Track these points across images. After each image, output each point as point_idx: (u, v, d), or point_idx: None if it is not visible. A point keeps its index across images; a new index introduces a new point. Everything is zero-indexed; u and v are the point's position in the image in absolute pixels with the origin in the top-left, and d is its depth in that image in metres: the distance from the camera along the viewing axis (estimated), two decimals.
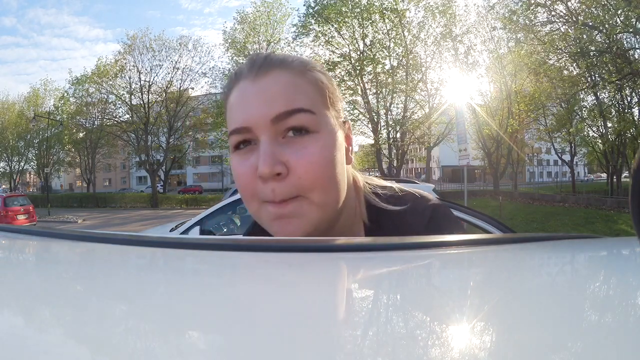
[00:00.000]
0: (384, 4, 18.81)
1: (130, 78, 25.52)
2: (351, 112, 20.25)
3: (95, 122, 27.86)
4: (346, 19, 19.10)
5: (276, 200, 0.50)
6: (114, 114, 27.20)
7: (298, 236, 0.51)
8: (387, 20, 18.92)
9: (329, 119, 0.54)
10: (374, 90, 19.41)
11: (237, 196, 4.91)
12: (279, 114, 0.50)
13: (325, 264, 0.38)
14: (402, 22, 18.83)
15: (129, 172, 45.88)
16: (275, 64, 0.53)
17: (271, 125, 0.50)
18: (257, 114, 0.51)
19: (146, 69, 25.32)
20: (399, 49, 19.26)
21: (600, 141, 17.91)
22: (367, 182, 0.65)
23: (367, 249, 0.43)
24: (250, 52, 23.24)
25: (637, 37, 13.35)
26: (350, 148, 0.59)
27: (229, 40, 23.68)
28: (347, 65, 19.67)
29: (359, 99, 19.70)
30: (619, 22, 13.21)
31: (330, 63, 19.93)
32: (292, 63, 0.54)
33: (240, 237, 0.57)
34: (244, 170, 0.52)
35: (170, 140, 25.84)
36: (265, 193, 0.51)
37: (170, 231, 4.73)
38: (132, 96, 25.63)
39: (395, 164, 19.50)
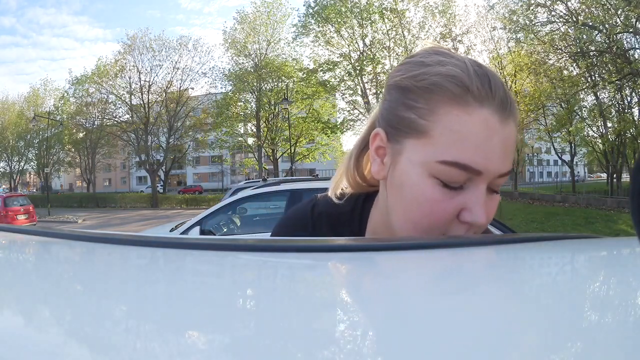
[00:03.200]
0: (383, 4, 18.83)
1: (130, 78, 25.56)
2: (351, 112, 20.28)
3: (95, 122, 27.90)
4: (346, 19, 19.10)
5: (465, 236, 0.50)
6: (114, 114, 27.23)
7: None
8: (386, 20, 18.93)
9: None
10: (374, 90, 19.40)
11: (237, 196, 4.91)
12: (506, 172, 0.49)
13: (325, 264, 0.38)
14: (402, 22, 18.84)
15: (129, 172, 45.86)
16: (515, 111, 0.49)
17: (494, 178, 0.48)
18: (497, 166, 0.47)
19: (146, 69, 25.36)
20: (398, 49, 19.27)
21: (600, 141, 17.90)
22: None
23: (367, 249, 0.43)
24: (251, 52, 23.40)
25: (637, 37, 13.35)
26: None
27: (229, 40, 23.70)
28: (347, 65, 19.68)
29: (359, 99, 19.72)
30: (619, 22, 13.21)
31: (330, 63, 19.94)
32: (518, 114, 0.51)
33: (240, 237, 0.57)
34: (447, 208, 0.48)
35: (170, 140, 25.85)
36: (457, 230, 0.49)
37: (170, 231, 4.73)
38: (132, 96, 25.65)
39: None
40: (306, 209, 0.64)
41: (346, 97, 20.18)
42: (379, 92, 19.22)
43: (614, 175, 17.42)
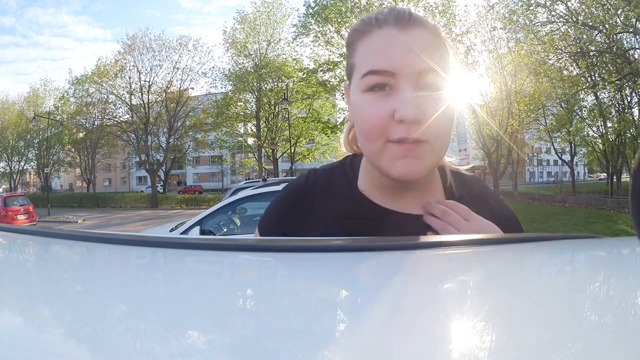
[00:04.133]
0: (383, 4, 18.80)
1: (130, 78, 25.51)
2: None
3: (95, 122, 27.85)
4: (346, 19, 19.09)
5: (410, 137, 0.55)
6: (114, 114, 27.18)
7: (417, 175, 0.57)
8: None
9: (451, 85, 0.59)
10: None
11: (237, 196, 4.91)
12: (425, 68, 0.55)
13: (325, 264, 0.38)
14: None
15: (129, 172, 45.85)
16: (418, 21, 0.58)
17: (415, 77, 0.55)
18: (405, 62, 0.55)
19: (146, 69, 25.31)
20: None
21: (600, 141, 17.89)
22: None
23: (367, 249, 0.43)
24: (251, 52, 23.42)
25: (637, 37, 13.35)
26: None
27: (229, 40, 23.68)
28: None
29: None
30: (619, 22, 13.21)
31: (330, 63, 19.92)
32: (430, 24, 0.59)
33: (240, 237, 0.57)
34: (379, 111, 0.56)
35: (170, 140, 25.81)
36: (398, 132, 0.55)
37: (170, 231, 4.72)
38: (132, 96, 25.61)
39: None
40: (300, 178, 0.73)
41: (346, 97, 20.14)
42: None
43: (614, 176, 17.41)
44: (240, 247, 0.44)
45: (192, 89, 26.19)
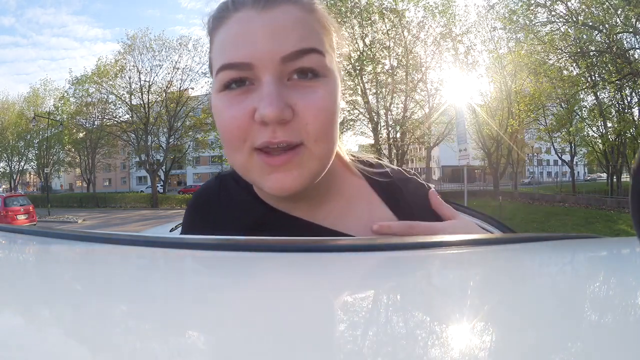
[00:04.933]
0: (383, 4, 18.81)
1: (130, 78, 25.52)
2: (351, 112, 20.26)
3: (95, 122, 27.86)
4: (346, 19, 19.09)
5: (276, 142, 0.45)
6: (114, 114, 27.20)
7: (294, 190, 0.47)
8: (386, 20, 18.92)
9: (334, 63, 0.50)
10: (374, 90, 19.41)
11: None
12: (291, 52, 0.45)
13: (325, 265, 0.38)
14: (402, 22, 18.84)
15: (129, 172, 45.85)
16: None
17: (279, 65, 0.45)
18: (265, 49, 0.45)
19: (146, 69, 25.32)
20: (398, 48, 19.27)
21: (600, 141, 17.89)
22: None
23: (367, 249, 0.43)
24: None
25: (637, 37, 13.34)
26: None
27: None
28: (347, 65, 19.68)
29: (359, 99, 19.70)
30: (619, 22, 13.21)
31: None
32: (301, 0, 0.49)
33: (240, 237, 0.57)
34: (236, 112, 0.46)
35: (170, 140, 25.82)
36: (261, 137, 0.45)
37: (170, 231, 4.71)
38: (132, 96, 25.62)
39: (395, 164, 19.47)
40: (207, 184, 0.65)
41: (346, 97, 20.16)
42: (379, 92, 19.23)
43: (614, 176, 17.41)
44: (241, 247, 0.44)
45: (192, 89, 26.22)
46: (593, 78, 15.59)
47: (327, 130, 0.47)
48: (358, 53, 19.53)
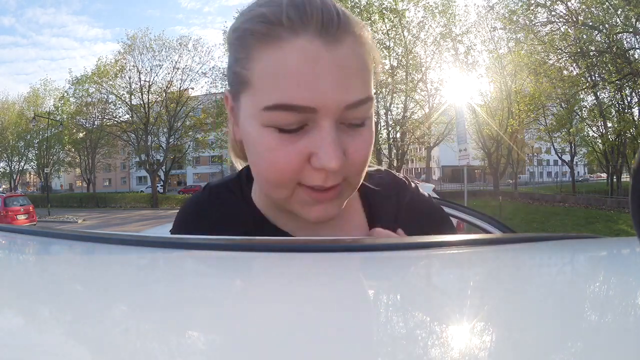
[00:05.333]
0: (383, 4, 18.82)
1: (130, 78, 25.54)
2: None
3: (95, 122, 27.87)
4: None
5: (326, 186, 0.45)
6: (114, 114, 27.21)
7: (333, 216, 0.48)
8: (386, 20, 18.92)
9: (373, 104, 0.48)
10: (374, 90, 19.36)
11: None
12: (354, 102, 0.43)
13: (325, 264, 0.38)
14: (402, 22, 18.84)
15: (129, 172, 45.85)
16: (347, 26, 0.43)
17: (341, 112, 0.42)
18: (332, 96, 0.41)
19: (146, 69, 25.34)
20: (398, 49, 19.27)
21: (600, 141, 17.89)
22: None
23: (367, 249, 0.43)
24: None
25: (637, 37, 13.34)
26: None
27: None
28: None
29: None
30: (619, 22, 13.21)
31: None
32: (358, 26, 0.44)
33: (240, 237, 0.56)
34: (289, 155, 0.43)
35: (170, 140, 25.83)
36: (313, 180, 0.44)
37: (170, 231, 4.71)
38: (132, 96, 25.63)
39: (395, 164, 19.50)
40: (197, 196, 0.63)
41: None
42: (378, 92, 19.22)
43: (614, 176, 17.41)
44: (241, 247, 0.44)
45: (192, 89, 26.24)
46: (593, 78, 15.59)
47: (365, 163, 0.47)
48: None
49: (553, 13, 14.59)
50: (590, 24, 13.37)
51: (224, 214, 0.58)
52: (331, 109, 0.42)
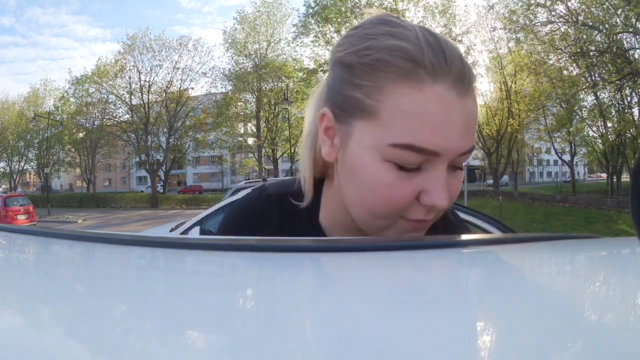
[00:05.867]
0: (383, 4, 18.81)
1: (130, 78, 25.55)
2: None
3: (95, 122, 27.90)
4: (346, 19, 19.10)
5: (427, 220, 0.47)
6: (114, 114, 27.23)
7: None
8: None
9: None
10: None
11: (237, 196, 4.91)
12: (469, 149, 0.46)
13: (325, 264, 0.38)
14: None
15: (129, 172, 45.86)
16: (473, 79, 0.45)
17: (455, 157, 0.45)
18: (456, 145, 0.44)
19: (146, 69, 25.35)
20: None
21: (600, 141, 17.90)
22: None
23: (367, 249, 0.43)
24: (251, 52, 23.44)
25: (637, 37, 13.34)
26: None
27: (229, 40, 23.73)
28: None
29: None
30: (619, 22, 13.21)
31: None
32: (476, 80, 0.48)
33: (240, 237, 0.56)
34: (405, 192, 0.45)
35: (170, 140, 25.83)
36: (416, 215, 0.47)
37: (170, 231, 4.72)
38: (132, 96, 25.65)
39: None
40: (254, 197, 0.61)
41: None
42: None
43: (614, 176, 17.42)
44: (241, 247, 0.44)
45: (192, 89, 26.26)
46: (593, 78, 15.59)
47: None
48: None
49: (553, 13, 14.60)
50: (590, 24, 13.37)
51: (283, 224, 0.57)
52: (451, 155, 0.44)
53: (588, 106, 18.05)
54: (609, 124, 16.73)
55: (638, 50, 13.73)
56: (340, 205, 0.53)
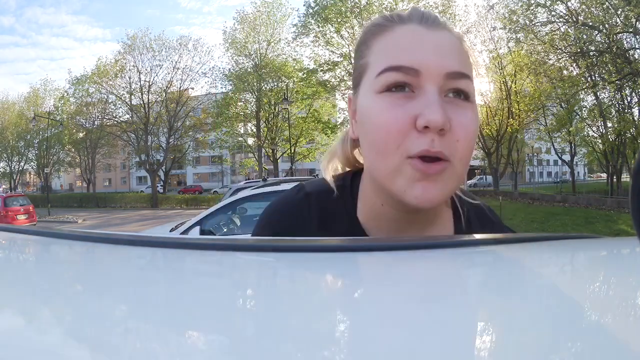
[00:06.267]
0: (383, 4, 18.81)
1: (130, 78, 25.55)
2: None
3: (95, 122, 27.88)
4: (346, 19, 19.10)
5: (433, 151, 0.46)
6: (114, 114, 27.22)
7: (435, 203, 0.48)
8: None
9: (475, 93, 0.53)
10: None
11: (237, 196, 4.91)
12: (454, 71, 0.48)
13: (325, 264, 0.38)
14: None
15: (129, 172, 45.85)
16: (444, 24, 0.52)
17: (442, 79, 0.48)
18: (433, 61, 0.48)
19: (146, 69, 25.34)
20: None
21: (600, 141, 17.89)
22: None
23: (367, 249, 0.43)
24: (251, 52, 23.44)
25: (637, 37, 13.34)
26: None
27: (229, 40, 23.72)
28: (347, 65, 19.68)
29: None
30: (619, 22, 13.21)
31: (330, 63, 19.94)
32: (455, 31, 0.53)
33: (240, 237, 0.56)
34: (397, 115, 0.47)
35: (170, 140, 25.83)
36: (420, 145, 0.46)
37: (170, 231, 4.72)
38: (132, 96, 25.64)
39: None
40: (292, 195, 0.61)
41: (346, 97, 20.17)
42: None
43: (614, 176, 17.42)
44: (240, 247, 0.44)
45: (192, 89, 26.24)
46: (593, 78, 15.58)
47: (469, 152, 0.50)
48: None
49: (553, 13, 14.59)
50: (590, 24, 13.37)
51: (322, 222, 0.58)
52: (432, 73, 0.48)
53: (588, 106, 18.04)
54: (609, 124, 16.71)
55: (638, 50, 13.73)
56: (371, 190, 0.55)
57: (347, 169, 0.64)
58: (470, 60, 0.53)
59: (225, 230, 4.46)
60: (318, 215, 0.58)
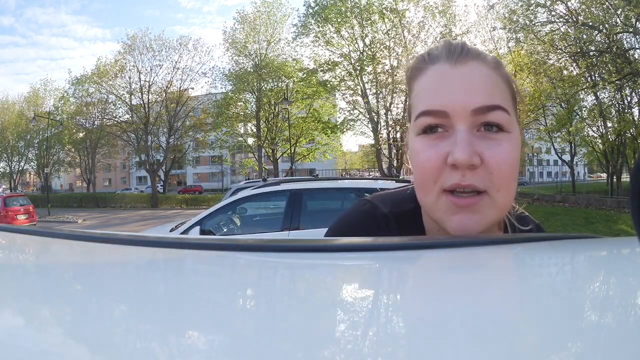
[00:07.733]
0: (383, 4, 18.81)
1: (130, 78, 25.56)
2: (351, 112, 20.29)
3: (95, 122, 27.88)
4: (346, 19, 19.10)
5: (463, 185, 0.49)
6: (114, 114, 27.23)
7: (473, 232, 0.50)
8: (386, 20, 18.91)
9: (515, 119, 0.53)
10: (374, 90, 19.40)
11: (237, 196, 4.91)
12: (481, 106, 0.50)
13: (324, 264, 0.38)
14: (402, 22, 18.82)
15: (129, 172, 45.85)
16: (473, 54, 0.53)
17: (470, 116, 0.50)
18: (459, 101, 0.50)
19: (146, 69, 25.36)
20: (399, 48, 19.26)
21: (600, 141, 17.89)
22: None
23: (367, 249, 0.43)
24: (251, 52, 23.44)
25: (637, 37, 13.34)
26: None
27: (229, 40, 23.73)
28: (347, 65, 19.68)
29: (359, 99, 19.71)
30: (619, 22, 13.21)
31: (330, 63, 19.93)
32: (487, 57, 0.54)
33: (240, 237, 0.56)
34: (431, 155, 0.50)
35: (170, 140, 25.83)
36: (451, 179, 0.49)
37: (170, 231, 4.72)
38: (132, 96, 25.65)
39: (395, 164, 19.50)
40: (365, 213, 0.62)
41: (346, 97, 20.17)
42: (379, 92, 19.23)
43: (614, 176, 17.41)
44: (240, 247, 0.44)
45: (192, 89, 26.25)
46: (593, 78, 15.58)
47: (509, 181, 0.51)
48: (358, 53, 19.53)
49: (553, 13, 14.59)
50: (590, 24, 13.37)
51: (401, 228, 0.60)
52: (459, 112, 0.50)
53: (588, 106, 18.03)
54: (609, 124, 16.71)
55: (638, 50, 13.73)
56: (428, 218, 0.59)
57: None
58: (505, 87, 0.53)
59: (225, 230, 4.46)
60: (395, 227, 0.60)
